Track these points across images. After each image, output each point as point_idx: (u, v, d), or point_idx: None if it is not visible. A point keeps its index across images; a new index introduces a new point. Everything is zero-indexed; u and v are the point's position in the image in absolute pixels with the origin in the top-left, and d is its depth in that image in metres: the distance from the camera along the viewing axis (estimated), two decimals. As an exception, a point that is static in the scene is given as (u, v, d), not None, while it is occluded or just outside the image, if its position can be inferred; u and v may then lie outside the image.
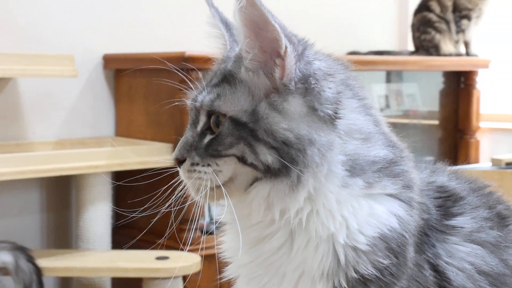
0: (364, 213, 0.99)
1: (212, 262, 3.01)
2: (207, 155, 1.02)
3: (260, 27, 0.98)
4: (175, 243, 2.95)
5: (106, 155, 2.81)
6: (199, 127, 1.05)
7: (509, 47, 4.57)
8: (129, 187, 3.22)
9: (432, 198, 1.09)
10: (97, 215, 2.92)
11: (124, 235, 3.12)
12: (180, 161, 1.06)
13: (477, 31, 4.29)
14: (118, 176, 3.03)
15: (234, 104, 1.01)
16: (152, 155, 2.89)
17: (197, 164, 1.03)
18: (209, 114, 1.03)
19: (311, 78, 0.99)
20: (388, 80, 4.35)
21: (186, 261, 2.71)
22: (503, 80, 4.54)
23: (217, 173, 1.01)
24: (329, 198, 0.99)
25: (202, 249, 2.94)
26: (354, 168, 1.00)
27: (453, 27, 4.17)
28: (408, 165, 1.06)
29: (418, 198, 1.04)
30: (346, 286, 0.97)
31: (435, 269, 1.02)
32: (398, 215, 1.00)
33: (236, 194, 1.03)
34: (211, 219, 3.26)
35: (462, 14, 4.14)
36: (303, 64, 1.00)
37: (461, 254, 1.03)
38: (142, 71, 3.15)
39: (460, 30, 4.18)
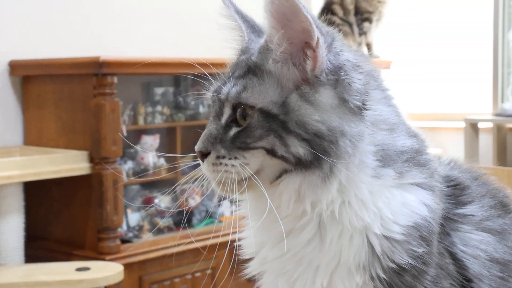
0: (397, 203, 0.99)
1: (133, 271, 2.96)
2: (233, 147, 1.00)
3: (288, 18, 0.96)
4: (94, 253, 2.87)
5: (17, 164, 2.70)
6: (223, 119, 1.02)
7: (409, 48, 4.75)
8: (43, 197, 3.13)
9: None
10: (9, 228, 2.80)
11: (38, 248, 3.02)
12: (203, 154, 1.02)
13: (378, 33, 4.41)
14: (30, 187, 2.93)
15: (263, 96, 0.99)
16: (67, 163, 2.80)
17: (223, 157, 1.00)
18: (235, 106, 1.01)
19: (341, 70, 0.99)
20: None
21: (108, 271, 2.63)
22: (404, 80, 4.68)
23: (244, 166, 0.99)
24: (362, 189, 0.98)
25: (122, 257, 2.88)
26: (385, 158, 1.00)
27: (355, 29, 4.26)
28: (430, 154, 1.07)
29: (440, 187, 1.04)
30: (384, 276, 0.97)
31: (453, 257, 1.03)
32: (427, 203, 1.00)
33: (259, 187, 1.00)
34: (129, 227, 3.20)
35: (363, 17, 4.24)
36: (333, 55, 0.99)
37: (474, 242, 1.04)
38: (53, 77, 3.06)
39: (362, 33, 4.29)
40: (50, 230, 3.13)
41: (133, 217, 3.24)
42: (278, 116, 0.97)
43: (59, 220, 3.08)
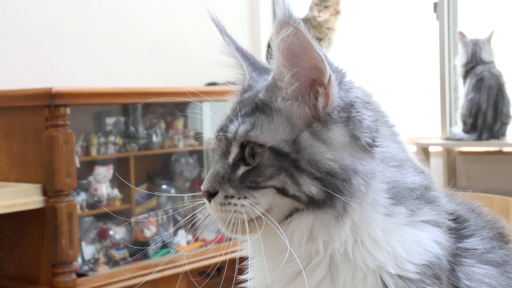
0: (411, 242, 0.97)
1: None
2: (243, 187, 0.97)
3: (297, 56, 0.95)
4: (49, 289, 2.80)
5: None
6: (230, 158, 1.00)
7: (358, 74, 4.78)
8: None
9: None
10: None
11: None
12: (211, 194, 1.00)
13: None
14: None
15: (273, 134, 0.97)
16: (20, 197, 2.73)
17: (232, 196, 0.98)
18: (243, 145, 0.98)
19: (352, 107, 0.97)
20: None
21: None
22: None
23: (254, 205, 0.96)
24: (375, 227, 0.96)
25: (79, 292, 2.81)
26: (396, 196, 0.98)
27: (306, 56, 4.30)
28: (438, 190, 1.06)
29: (448, 223, 1.03)
30: None
31: None
32: (439, 241, 0.99)
33: (269, 227, 0.97)
34: (84, 260, 3.13)
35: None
36: (344, 92, 0.98)
37: (478, 276, 1.03)
38: (3, 110, 2.99)
39: (313, 59, 4.32)
40: (1, 267, 3.04)
41: (88, 250, 3.18)
42: (289, 154, 0.96)
43: (11, 256, 2.99)
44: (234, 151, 1.00)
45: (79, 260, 3.07)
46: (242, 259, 1.10)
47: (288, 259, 0.98)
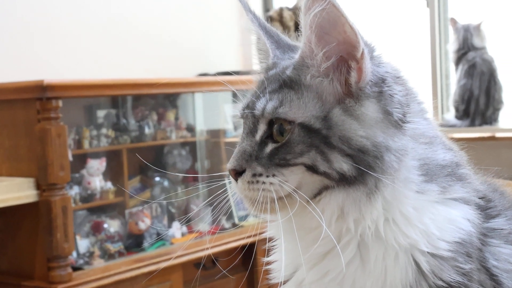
0: (443, 219, 0.96)
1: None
2: (271, 164, 0.96)
3: (327, 31, 0.93)
4: (44, 283, 2.78)
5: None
6: (258, 136, 0.98)
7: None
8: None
9: None
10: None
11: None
12: (238, 172, 0.98)
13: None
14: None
15: (302, 110, 0.95)
16: (13, 191, 2.71)
17: (260, 174, 0.96)
18: (271, 121, 0.97)
19: (383, 81, 0.96)
20: (235, 100, 4.39)
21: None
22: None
23: (283, 183, 0.95)
24: (406, 205, 0.95)
25: (74, 286, 2.80)
26: (428, 173, 0.97)
27: (297, 45, 4.29)
28: (469, 168, 1.05)
29: (478, 201, 1.02)
30: None
31: (488, 272, 1.00)
32: (470, 219, 0.98)
33: (297, 206, 0.96)
34: (79, 254, 3.12)
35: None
36: (376, 67, 0.96)
37: (504, 256, 1.01)
38: (-7, 103, 2.96)
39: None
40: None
41: (83, 243, 3.16)
42: (320, 130, 0.94)
43: (5, 252, 2.97)
44: (262, 128, 0.98)
45: (74, 254, 3.05)
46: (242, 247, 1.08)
47: (316, 239, 0.96)
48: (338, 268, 0.97)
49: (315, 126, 0.94)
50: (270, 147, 0.97)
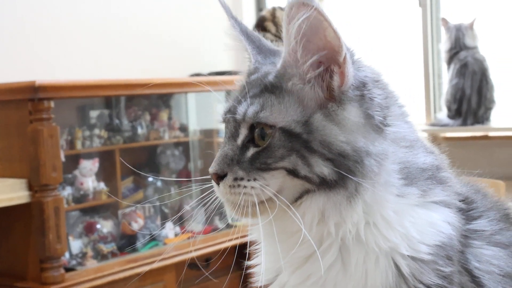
0: (423, 222, 0.97)
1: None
2: (252, 168, 0.96)
3: (310, 40, 0.93)
4: (37, 284, 2.77)
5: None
6: (239, 140, 0.99)
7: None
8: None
9: None
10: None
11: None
12: (219, 176, 0.98)
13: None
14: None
15: (283, 115, 0.95)
16: (5, 192, 2.70)
17: (242, 178, 0.96)
18: (252, 126, 0.97)
19: (364, 85, 0.96)
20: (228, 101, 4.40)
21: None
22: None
23: (264, 187, 0.95)
24: (387, 209, 0.96)
25: (67, 287, 2.79)
26: (408, 177, 0.98)
27: (288, 45, 4.28)
28: (449, 171, 1.05)
29: (458, 204, 1.03)
30: None
31: (470, 274, 1.00)
32: (451, 222, 0.98)
33: (278, 210, 0.96)
34: (71, 254, 3.11)
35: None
36: (356, 71, 0.96)
37: (486, 258, 1.02)
38: (-15, 104, 2.95)
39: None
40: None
41: (75, 244, 3.15)
42: (301, 135, 0.94)
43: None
44: (243, 132, 0.99)
45: (67, 254, 3.04)
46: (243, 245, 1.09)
47: (297, 243, 0.96)
48: (320, 271, 0.97)
49: (296, 131, 0.95)
50: (251, 151, 0.97)
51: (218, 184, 0.99)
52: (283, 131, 0.95)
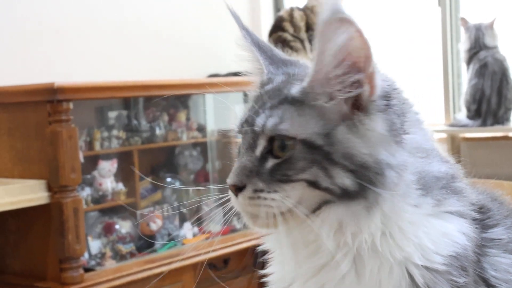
0: (437, 233, 0.96)
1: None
2: (273, 180, 0.95)
3: (345, 57, 0.91)
4: (57, 284, 2.79)
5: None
6: (257, 151, 0.97)
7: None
8: None
9: None
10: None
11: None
12: (238, 188, 0.97)
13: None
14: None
15: (304, 127, 0.94)
16: (25, 193, 2.72)
17: (262, 190, 0.95)
18: (271, 138, 0.96)
19: (388, 94, 0.96)
20: (246, 100, 4.40)
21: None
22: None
23: (284, 199, 0.94)
24: (403, 219, 0.95)
25: (87, 287, 2.81)
26: (424, 186, 0.97)
27: (307, 45, 4.28)
28: (465, 180, 1.05)
29: (473, 215, 1.02)
30: None
31: (487, 283, 0.99)
32: (465, 232, 0.98)
33: (296, 220, 0.96)
34: (90, 255, 3.13)
35: (315, 33, 4.24)
36: (381, 81, 0.95)
37: (503, 266, 1.01)
38: (5, 106, 2.98)
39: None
40: (8, 264, 3.03)
41: (94, 245, 3.17)
42: (322, 147, 0.93)
43: (17, 253, 2.99)
44: (262, 144, 0.97)
45: (86, 255, 3.06)
46: (259, 252, 1.08)
47: (313, 252, 0.97)
48: (333, 281, 0.97)
49: (318, 143, 0.94)
50: (270, 162, 0.96)
51: (236, 195, 0.98)
52: (304, 143, 0.94)
